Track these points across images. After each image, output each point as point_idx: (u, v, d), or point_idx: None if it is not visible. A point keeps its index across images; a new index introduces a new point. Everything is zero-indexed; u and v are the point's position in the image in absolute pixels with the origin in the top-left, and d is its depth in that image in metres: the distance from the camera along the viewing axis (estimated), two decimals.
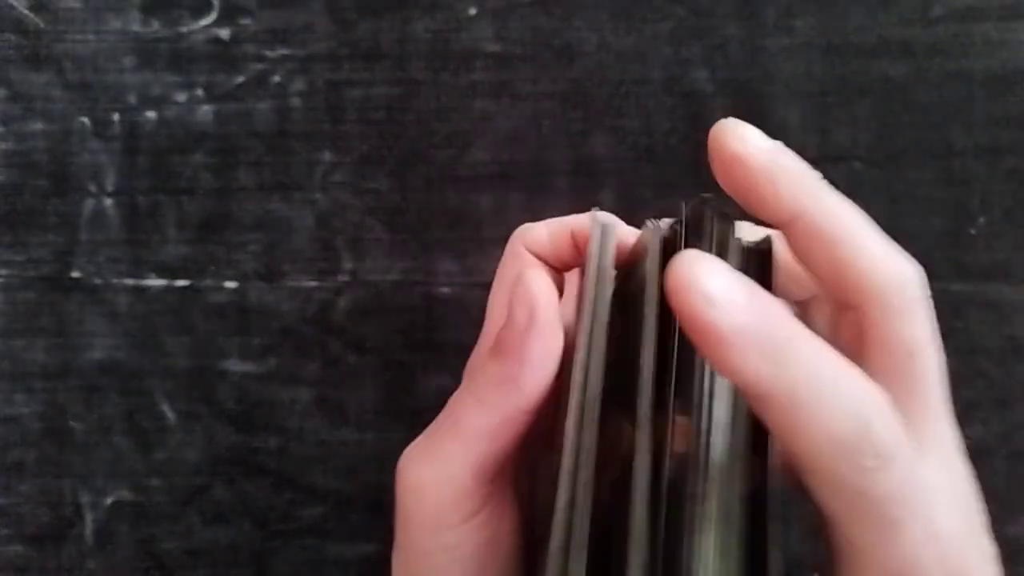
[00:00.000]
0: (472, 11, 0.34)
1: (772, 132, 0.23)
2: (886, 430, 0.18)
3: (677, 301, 0.18)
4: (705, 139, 0.31)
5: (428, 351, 0.34)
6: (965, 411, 0.23)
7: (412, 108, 0.34)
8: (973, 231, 0.34)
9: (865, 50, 0.34)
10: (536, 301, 0.22)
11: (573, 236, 0.27)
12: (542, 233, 0.28)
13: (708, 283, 0.17)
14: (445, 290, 0.34)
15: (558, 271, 0.28)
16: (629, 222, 0.34)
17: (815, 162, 0.22)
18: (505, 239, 0.35)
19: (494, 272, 0.34)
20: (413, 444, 0.24)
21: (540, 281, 0.22)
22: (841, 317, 0.22)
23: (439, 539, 0.23)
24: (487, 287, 0.34)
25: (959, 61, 0.34)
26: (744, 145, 0.22)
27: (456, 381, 0.33)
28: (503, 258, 0.28)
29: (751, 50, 0.34)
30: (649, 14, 0.34)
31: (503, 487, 0.24)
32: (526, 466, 0.25)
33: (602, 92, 0.34)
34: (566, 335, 0.22)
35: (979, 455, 0.21)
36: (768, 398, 0.18)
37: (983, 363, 0.33)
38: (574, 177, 0.34)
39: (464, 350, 0.34)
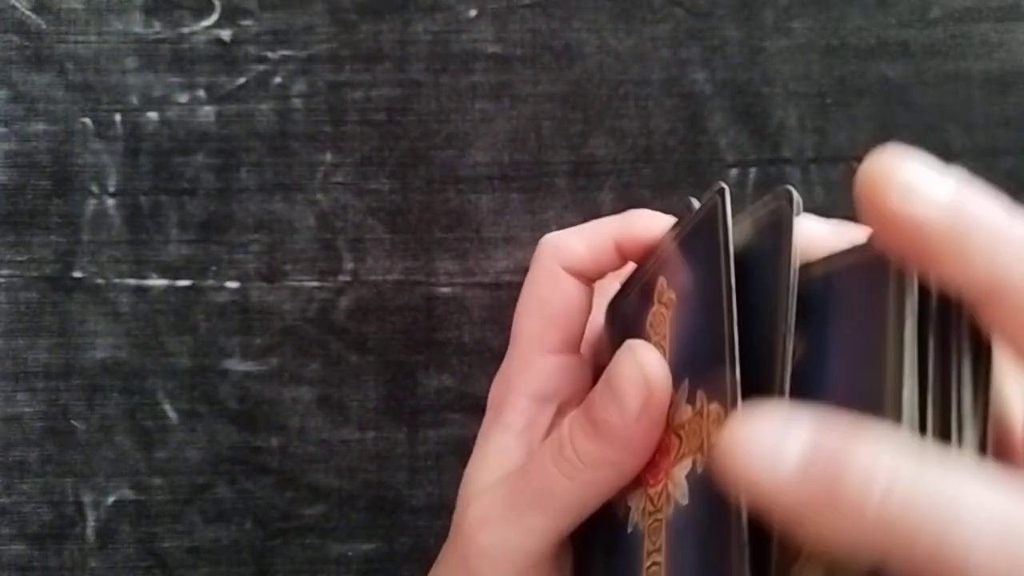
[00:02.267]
0: (472, 13, 0.35)
1: (771, 133, 0.23)
2: None
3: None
4: (705, 139, 0.31)
5: (429, 351, 0.34)
6: None
7: (413, 109, 0.34)
8: None
9: (863, 51, 0.34)
10: (654, 389, 0.20)
11: (617, 245, 0.26)
12: (579, 248, 0.26)
13: (757, 457, 0.15)
14: (445, 290, 0.34)
15: (590, 282, 0.26)
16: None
17: (814, 163, 0.21)
18: (505, 239, 0.35)
19: (495, 272, 0.34)
20: (484, 503, 0.23)
21: (656, 361, 0.20)
22: None
23: None
24: (487, 287, 0.34)
25: (957, 62, 0.34)
26: (912, 204, 0.16)
27: (456, 381, 0.34)
28: (533, 274, 0.27)
29: (750, 51, 0.34)
30: (648, 15, 0.34)
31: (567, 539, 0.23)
32: None
33: (602, 93, 0.34)
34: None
35: None
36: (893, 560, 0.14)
37: None
38: (574, 177, 0.34)
39: (464, 350, 0.34)
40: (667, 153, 0.34)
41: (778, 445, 0.15)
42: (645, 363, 0.20)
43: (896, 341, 0.17)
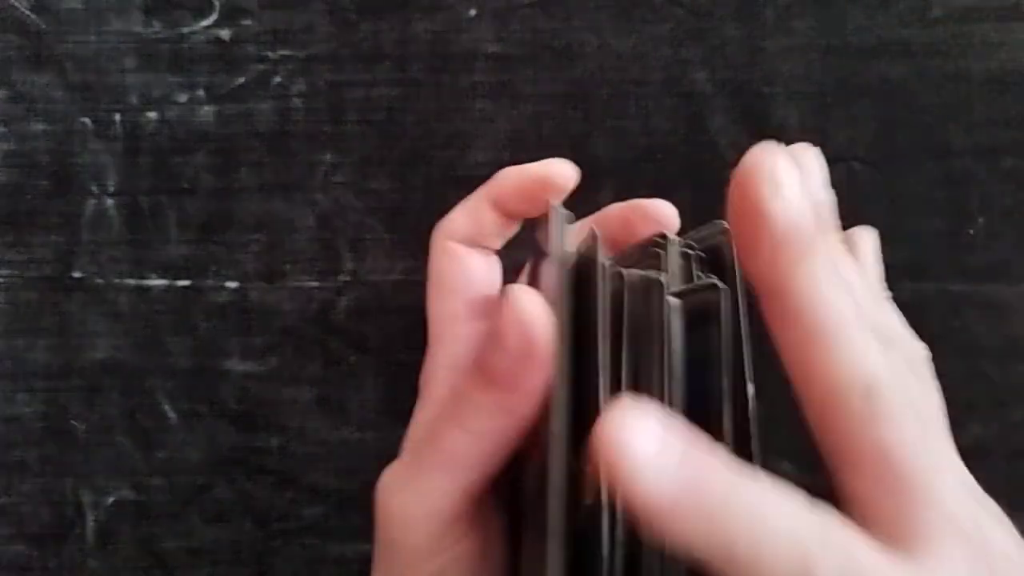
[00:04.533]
0: (472, 12, 0.35)
1: (771, 133, 0.23)
2: (827, 570, 0.17)
3: (606, 469, 0.17)
4: (705, 139, 0.31)
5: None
6: (964, 411, 0.23)
7: (413, 109, 0.34)
8: (972, 231, 0.34)
9: (864, 51, 0.34)
10: (533, 327, 0.20)
11: (496, 205, 0.27)
12: (460, 218, 0.27)
13: (637, 448, 0.17)
14: None
15: (487, 249, 0.27)
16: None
17: None
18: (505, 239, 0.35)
19: None
20: (392, 470, 0.23)
21: (533, 302, 0.20)
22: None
23: (428, 566, 0.22)
24: None
25: (958, 62, 0.34)
26: (775, 200, 0.18)
27: None
28: (430, 257, 0.27)
29: (750, 51, 0.34)
30: (649, 15, 0.34)
31: (485, 499, 0.23)
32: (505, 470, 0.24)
33: (602, 93, 0.34)
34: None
35: (979, 455, 0.21)
36: (708, 559, 0.17)
37: (982, 363, 0.33)
38: None
39: None
40: (667, 153, 0.34)
41: (659, 454, 0.17)
42: (523, 306, 0.20)
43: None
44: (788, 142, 0.21)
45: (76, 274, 0.34)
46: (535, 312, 0.20)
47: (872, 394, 0.18)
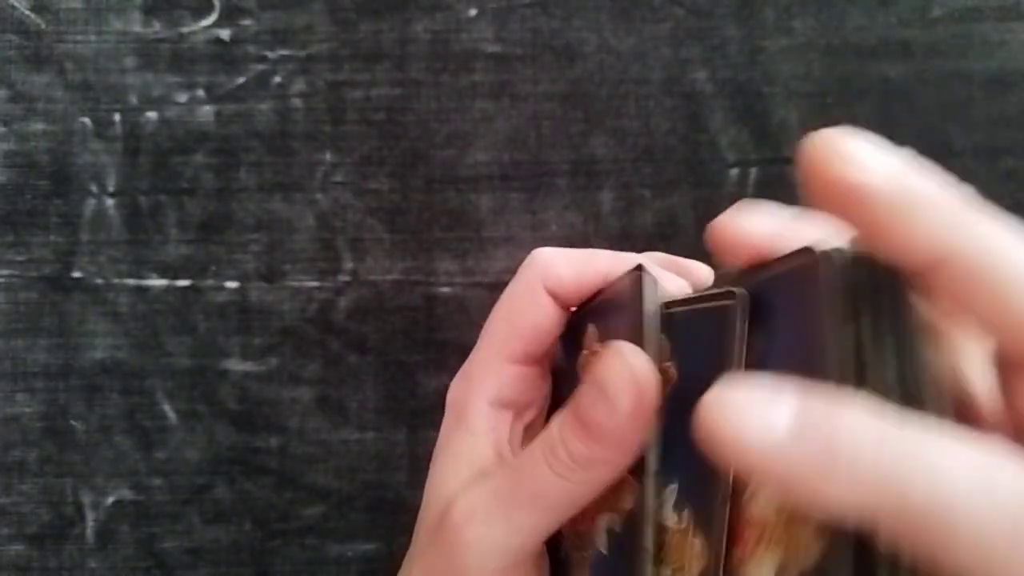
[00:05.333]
0: (472, 12, 0.35)
1: (772, 133, 0.23)
2: None
3: (714, 445, 0.15)
4: (705, 139, 0.31)
5: (428, 351, 0.34)
6: None
7: (412, 109, 0.34)
8: None
9: (864, 51, 0.34)
10: (644, 390, 0.21)
11: (606, 282, 0.26)
12: (566, 274, 0.26)
13: (742, 412, 0.15)
14: (445, 290, 0.34)
15: (567, 307, 0.27)
16: (629, 222, 0.35)
17: None
18: (505, 239, 0.35)
19: (494, 272, 0.34)
20: (473, 497, 0.23)
21: (645, 363, 0.21)
22: (1017, 378, 0.17)
23: None
24: (487, 287, 0.34)
25: (958, 62, 0.34)
26: (855, 171, 0.16)
27: None
28: (515, 285, 0.27)
29: (750, 51, 0.34)
30: (649, 15, 0.34)
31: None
32: None
33: (602, 92, 0.34)
34: None
35: None
36: (870, 520, 0.15)
37: None
38: (574, 177, 0.34)
39: (464, 350, 0.34)
40: (668, 152, 0.34)
41: (767, 413, 0.15)
42: (635, 365, 0.21)
43: (837, 336, 0.17)
44: (789, 141, 0.21)
45: (76, 274, 0.34)
46: (645, 370, 0.21)
47: None
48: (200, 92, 0.34)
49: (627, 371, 0.21)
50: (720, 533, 0.19)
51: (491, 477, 0.24)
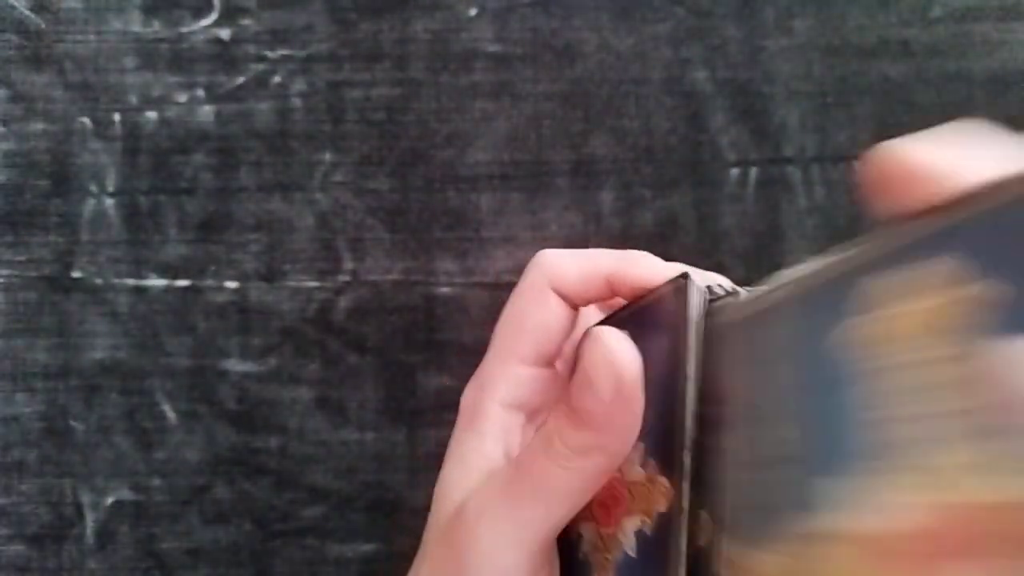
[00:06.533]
0: (472, 12, 0.34)
1: (772, 132, 0.23)
2: None
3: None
4: (705, 139, 0.31)
5: (428, 351, 0.34)
6: None
7: (412, 108, 0.34)
8: None
9: (864, 51, 0.34)
10: (623, 372, 0.21)
11: (609, 280, 0.26)
12: (571, 273, 0.26)
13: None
14: (445, 290, 0.34)
15: (575, 306, 0.27)
16: (629, 222, 0.35)
17: (815, 162, 0.21)
18: (505, 239, 0.35)
19: (495, 272, 0.34)
20: (482, 495, 0.24)
21: (621, 342, 0.21)
22: None
23: None
24: (487, 287, 0.34)
25: (958, 61, 0.34)
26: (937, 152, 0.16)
27: (456, 381, 0.33)
28: (522, 287, 0.27)
29: (751, 50, 0.34)
30: (649, 14, 0.34)
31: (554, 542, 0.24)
32: None
33: (602, 92, 0.34)
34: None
35: None
36: None
37: None
38: (574, 177, 0.34)
39: (464, 350, 0.34)
40: (668, 152, 0.34)
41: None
42: (613, 350, 0.21)
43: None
44: (789, 141, 0.21)
45: (75, 274, 0.34)
46: (623, 352, 0.21)
47: None
48: (200, 92, 0.34)
49: (605, 356, 0.21)
50: (681, 473, 0.22)
51: (497, 475, 0.24)
